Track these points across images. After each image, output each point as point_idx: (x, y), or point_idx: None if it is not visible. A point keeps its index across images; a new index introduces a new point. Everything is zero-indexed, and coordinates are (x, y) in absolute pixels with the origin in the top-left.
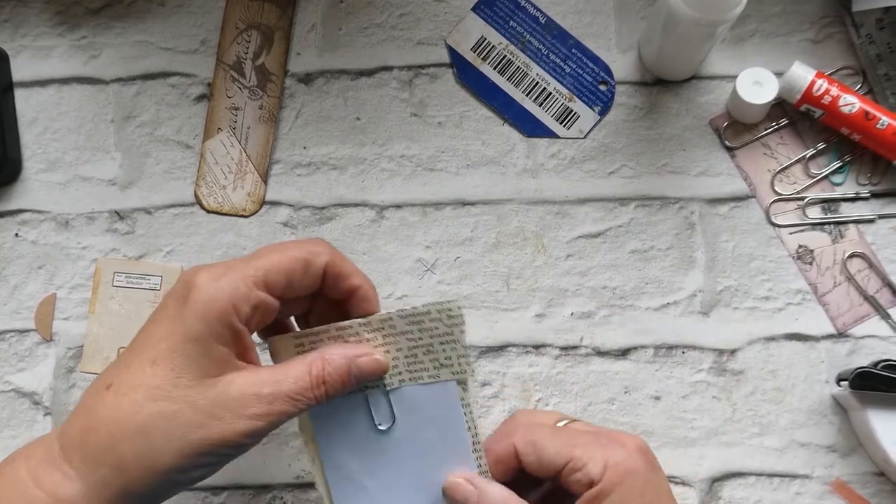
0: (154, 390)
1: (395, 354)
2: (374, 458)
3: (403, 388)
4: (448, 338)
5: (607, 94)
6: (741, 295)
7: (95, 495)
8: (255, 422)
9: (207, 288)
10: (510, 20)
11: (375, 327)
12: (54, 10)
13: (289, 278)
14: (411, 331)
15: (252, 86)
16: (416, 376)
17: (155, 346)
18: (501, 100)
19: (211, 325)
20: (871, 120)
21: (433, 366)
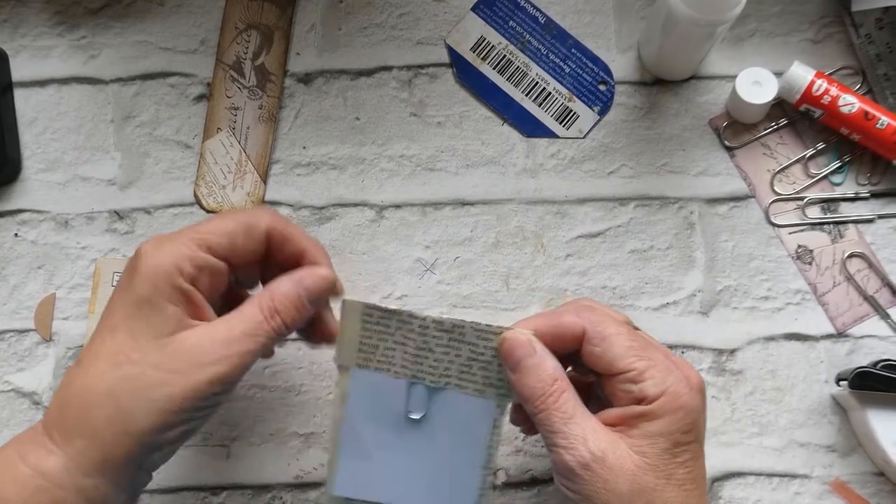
0: (115, 356)
1: (452, 358)
2: (391, 439)
3: (446, 391)
4: None
5: (607, 94)
6: (740, 295)
7: (74, 465)
8: (216, 367)
9: (151, 253)
10: (510, 20)
11: (446, 328)
12: (54, 10)
13: (231, 240)
14: (477, 344)
15: (252, 86)
16: (463, 385)
17: (112, 315)
18: (501, 100)
19: (158, 286)
20: (870, 120)
21: (483, 382)
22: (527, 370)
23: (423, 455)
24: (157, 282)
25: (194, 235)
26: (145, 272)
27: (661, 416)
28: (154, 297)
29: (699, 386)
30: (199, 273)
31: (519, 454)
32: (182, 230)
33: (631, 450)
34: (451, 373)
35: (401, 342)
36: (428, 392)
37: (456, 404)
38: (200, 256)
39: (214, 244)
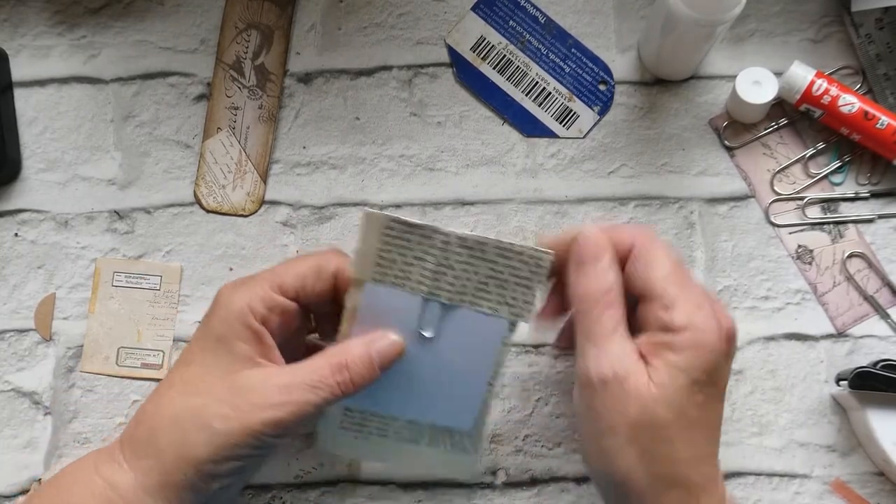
0: (185, 385)
1: (470, 276)
2: None
3: (460, 309)
4: (525, 282)
5: (607, 93)
6: (740, 294)
7: (139, 483)
8: (272, 412)
9: (227, 294)
10: (510, 20)
11: (468, 244)
12: (53, 10)
13: (301, 282)
14: (496, 262)
15: (251, 85)
16: (477, 303)
17: (190, 349)
18: (501, 99)
19: (231, 325)
20: (870, 120)
21: (497, 300)
22: (589, 272)
23: (430, 371)
24: (230, 320)
25: (268, 276)
26: (221, 312)
27: (683, 349)
28: (226, 335)
29: (729, 332)
30: (270, 313)
31: (519, 454)
32: (259, 273)
33: (651, 379)
34: (468, 290)
35: (420, 257)
36: (442, 310)
37: (468, 323)
38: (271, 296)
39: (286, 285)
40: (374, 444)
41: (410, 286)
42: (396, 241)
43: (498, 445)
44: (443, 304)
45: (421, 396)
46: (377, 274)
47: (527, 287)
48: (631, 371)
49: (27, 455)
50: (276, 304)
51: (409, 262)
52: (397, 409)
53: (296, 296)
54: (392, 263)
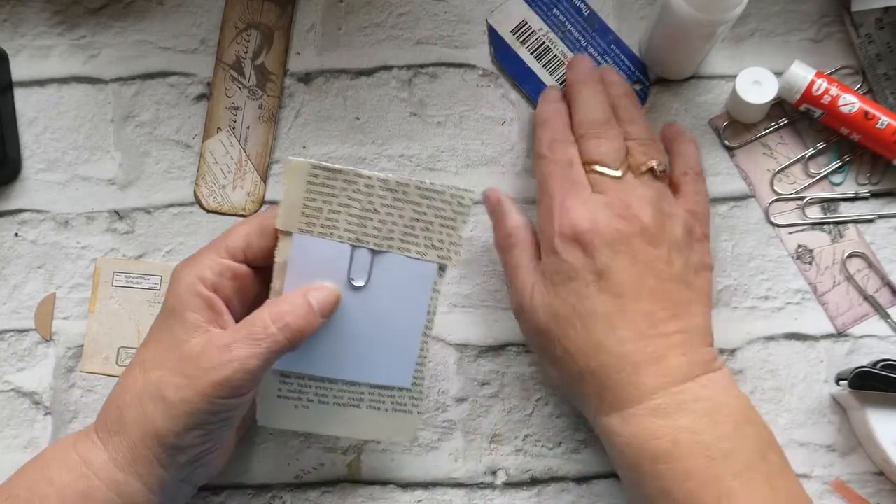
0: (145, 362)
1: (395, 219)
2: None
3: (388, 255)
4: (450, 222)
5: (641, 94)
6: (740, 294)
7: (112, 459)
8: (220, 371)
9: (179, 270)
10: (554, 8)
11: (391, 187)
12: (53, 10)
13: (246, 242)
14: (420, 203)
15: (251, 85)
16: (405, 248)
17: (150, 329)
18: (534, 85)
19: (181, 297)
20: (870, 120)
21: (424, 243)
22: (495, 222)
23: (363, 325)
24: (180, 293)
25: (215, 242)
26: (173, 287)
27: (544, 255)
28: (177, 307)
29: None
30: (220, 279)
31: (519, 454)
32: (208, 244)
33: (533, 296)
34: (395, 235)
35: (345, 204)
36: (371, 257)
37: (397, 269)
38: (218, 262)
39: (232, 248)
40: (314, 412)
41: (338, 234)
42: (321, 188)
43: (498, 445)
44: (371, 250)
45: (357, 355)
46: (304, 224)
47: (451, 228)
48: (531, 292)
49: (27, 455)
50: (225, 268)
51: (335, 210)
52: (334, 370)
53: (244, 257)
54: (318, 212)
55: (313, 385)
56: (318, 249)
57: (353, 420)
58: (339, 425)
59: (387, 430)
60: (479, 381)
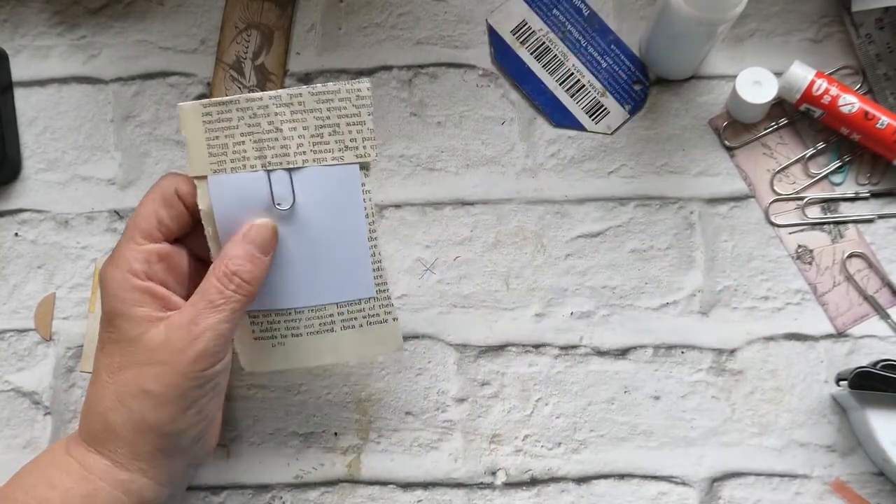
0: (110, 367)
1: (301, 132)
2: None
3: (306, 169)
4: (356, 119)
5: (640, 94)
6: (740, 295)
7: (111, 462)
8: (194, 346)
9: (105, 272)
10: (553, 8)
11: (285, 101)
12: (53, 10)
13: (156, 218)
14: (320, 109)
15: (252, 85)
16: (321, 157)
17: (99, 338)
18: (534, 85)
19: (119, 297)
20: (870, 120)
21: (338, 147)
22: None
23: (307, 244)
24: (116, 293)
25: (128, 232)
26: (107, 289)
27: None
28: (120, 308)
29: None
30: (148, 266)
31: (519, 454)
32: (122, 235)
33: None
34: (305, 148)
35: (247, 132)
36: (290, 177)
37: (319, 180)
38: (138, 249)
39: (147, 230)
40: (292, 347)
41: (250, 164)
42: (219, 124)
43: (498, 445)
44: (287, 170)
45: (311, 277)
46: (214, 164)
47: (359, 123)
48: None
49: (27, 455)
50: (149, 253)
51: (239, 142)
52: (296, 299)
53: (161, 235)
54: (224, 148)
55: (281, 320)
56: (236, 184)
57: (333, 345)
58: (320, 354)
59: (370, 346)
60: (479, 381)
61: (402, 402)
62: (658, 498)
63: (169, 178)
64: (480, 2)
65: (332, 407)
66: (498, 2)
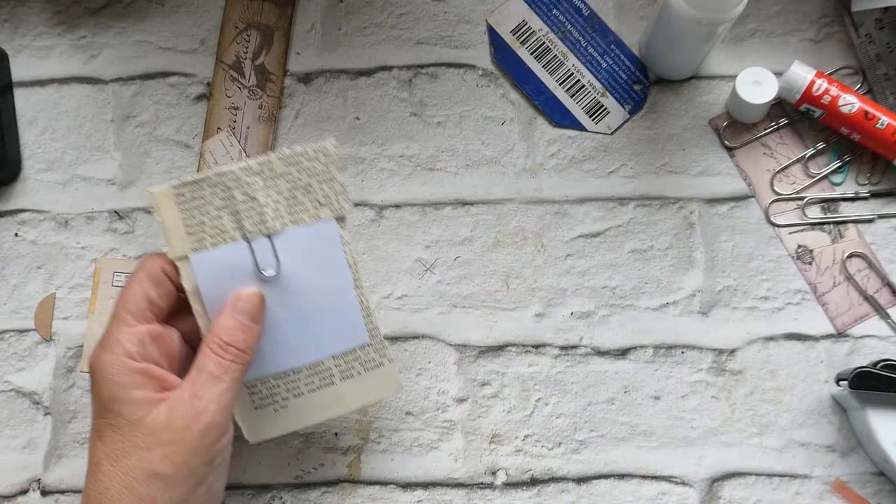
0: (110, 455)
1: (275, 197)
2: None
3: (285, 232)
4: (326, 176)
5: (640, 94)
6: (740, 295)
7: None
8: (200, 421)
9: (96, 359)
10: (553, 8)
11: (255, 170)
12: (54, 10)
13: (145, 299)
14: (290, 172)
15: (251, 85)
16: (297, 218)
17: (94, 424)
18: (534, 85)
19: (115, 382)
20: (870, 120)
21: (313, 206)
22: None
23: (296, 304)
24: (113, 377)
25: (118, 315)
26: (101, 377)
27: None
28: (118, 392)
29: None
30: (143, 347)
31: (519, 454)
32: (110, 319)
33: None
34: (282, 212)
35: (222, 206)
36: (270, 243)
37: (300, 241)
38: (133, 331)
39: (137, 312)
40: (296, 408)
41: (230, 236)
42: (192, 203)
43: (498, 445)
44: (267, 237)
45: (304, 335)
46: (193, 243)
47: (331, 180)
48: None
49: (27, 455)
50: (143, 335)
51: (215, 217)
52: (292, 359)
53: (152, 315)
54: (202, 225)
55: (280, 383)
56: (218, 260)
57: (335, 398)
58: (324, 409)
59: (371, 392)
60: (479, 381)
61: (402, 402)
62: (658, 498)
63: (152, 259)
64: (480, 2)
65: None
66: (498, 2)
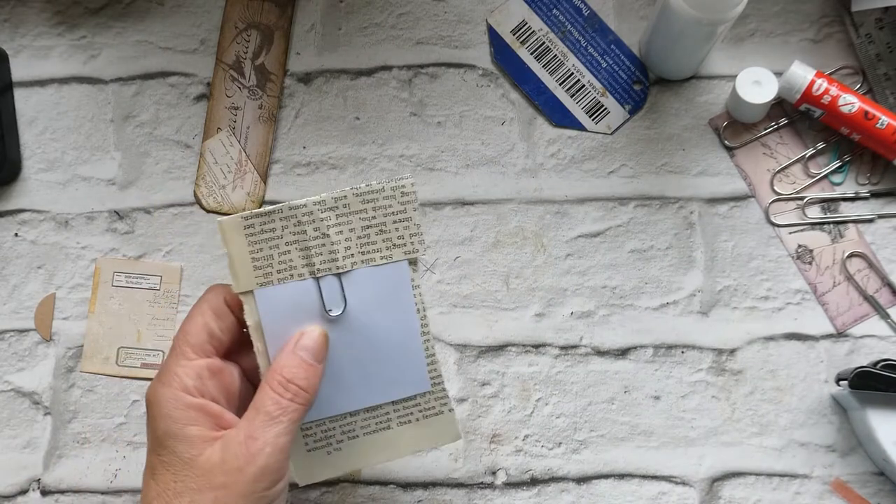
0: (162, 494)
1: (348, 235)
2: None
3: (355, 272)
4: (402, 216)
5: (640, 94)
6: (740, 294)
7: None
8: (255, 465)
9: (153, 392)
10: (553, 8)
11: (329, 206)
12: (54, 10)
13: (207, 332)
14: (365, 210)
15: (251, 85)
16: (369, 258)
17: (149, 462)
18: (534, 85)
19: (172, 417)
20: (870, 119)
21: (386, 246)
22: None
23: (360, 346)
24: (169, 412)
25: (177, 347)
26: (157, 411)
27: None
28: (172, 429)
29: None
30: (201, 382)
31: (519, 454)
32: (169, 351)
33: None
34: (353, 250)
35: (293, 241)
36: (339, 282)
37: (370, 281)
38: (190, 365)
39: (197, 345)
40: (349, 450)
41: (298, 273)
42: (262, 236)
43: (498, 445)
44: (336, 275)
45: (365, 378)
46: (260, 278)
47: (407, 220)
48: None
49: (27, 455)
50: (202, 369)
51: (284, 252)
52: (350, 402)
53: (213, 349)
54: (269, 260)
55: (336, 425)
56: (284, 297)
57: (390, 442)
58: (378, 453)
59: (427, 438)
60: (479, 381)
61: None
62: (658, 498)
63: (215, 290)
64: (480, 2)
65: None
66: (498, 2)
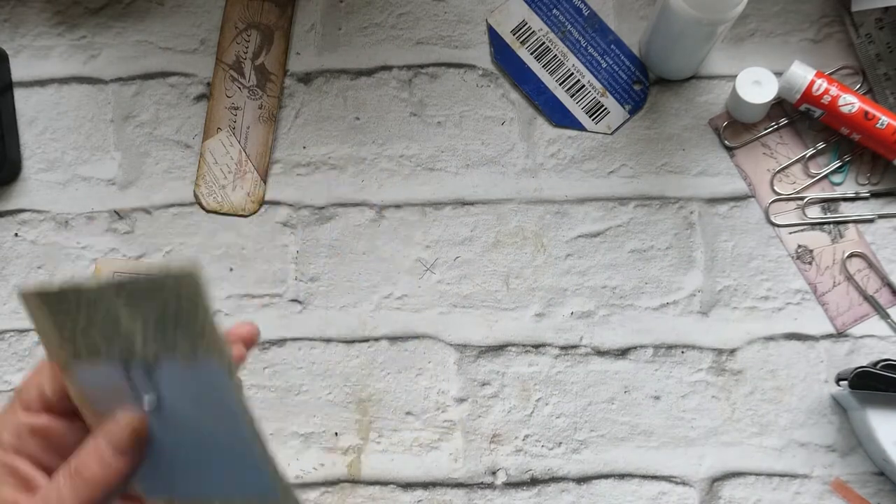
0: None
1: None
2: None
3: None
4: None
5: (640, 94)
6: (740, 295)
7: None
8: None
9: None
10: (553, 8)
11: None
12: (54, 10)
13: (38, 390)
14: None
15: (251, 85)
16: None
17: None
18: (534, 85)
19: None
20: (870, 119)
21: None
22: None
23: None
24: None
25: (14, 398)
26: None
27: None
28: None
29: None
30: (18, 440)
31: (519, 454)
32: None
33: None
34: (150, 341)
35: (91, 322)
36: (145, 372)
37: (180, 377)
38: (15, 421)
39: (27, 400)
40: None
41: (104, 354)
42: (61, 312)
43: (498, 445)
44: (142, 365)
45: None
46: (69, 353)
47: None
48: None
49: None
50: (23, 427)
51: (84, 329)
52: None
53: (43, 407)
54: (73, 336)
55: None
56: (97, 376)
57: None
58: None
59: None
60: (479, 381)
61: (402, 402)
62: (658, 498)
63: None
64: (480, 2)
65: (333, 407)
66: (498, 2)
